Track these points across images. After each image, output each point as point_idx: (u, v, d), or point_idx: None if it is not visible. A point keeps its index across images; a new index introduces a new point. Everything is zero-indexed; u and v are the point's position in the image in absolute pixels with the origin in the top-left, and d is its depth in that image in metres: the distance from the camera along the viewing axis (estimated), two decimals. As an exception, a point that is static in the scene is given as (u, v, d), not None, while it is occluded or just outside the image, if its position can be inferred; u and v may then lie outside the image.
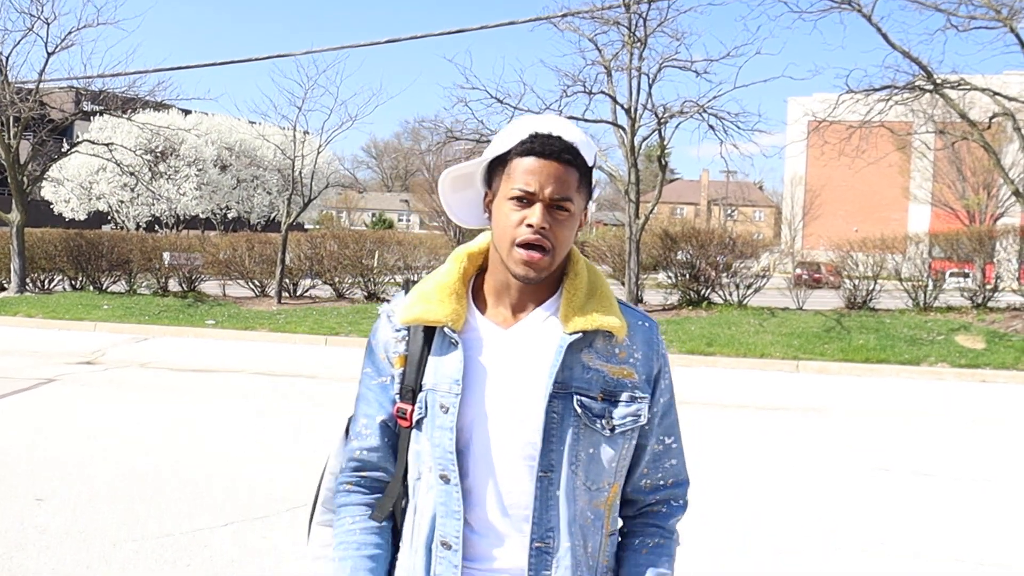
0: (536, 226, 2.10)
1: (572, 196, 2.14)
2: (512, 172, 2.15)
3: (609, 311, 2.21)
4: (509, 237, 2.14)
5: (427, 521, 2.19)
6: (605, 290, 2.27)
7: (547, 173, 2.11)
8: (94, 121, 47.34)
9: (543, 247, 2.13)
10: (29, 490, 7.79)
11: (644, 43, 21.21)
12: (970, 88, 19.76)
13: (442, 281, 2.27)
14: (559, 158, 2.12)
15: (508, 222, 2.14)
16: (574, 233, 2.20)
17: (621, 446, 2.22)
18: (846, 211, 77.95)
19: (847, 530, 7.31)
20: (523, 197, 2.12)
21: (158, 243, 26.91)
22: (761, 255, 26.78)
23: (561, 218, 2.14)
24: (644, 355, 2.26)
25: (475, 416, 2.17)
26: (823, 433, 11.44)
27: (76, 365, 15.65)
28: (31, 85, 25.81)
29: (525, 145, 2.14)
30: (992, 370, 16.33)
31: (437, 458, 2.17)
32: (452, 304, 2.22)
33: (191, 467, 8.79)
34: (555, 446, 2.14)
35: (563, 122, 2.20)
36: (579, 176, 2.16)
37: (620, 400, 2.20)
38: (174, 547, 6.47)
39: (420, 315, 2.23)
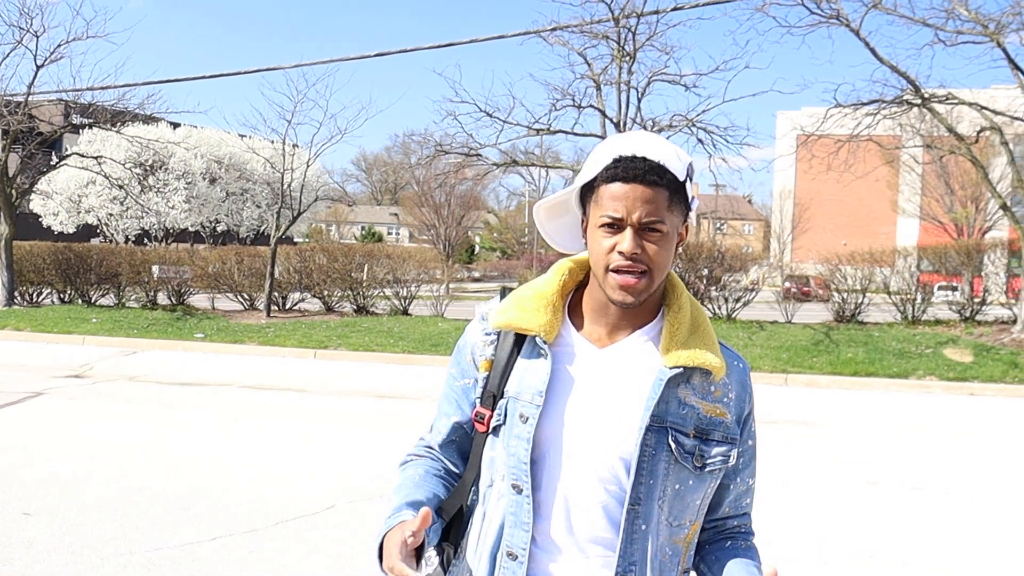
0: (627, 253, 2.06)
1: (663, 216, 2.08)
2: (600, 199, 2.11)
3: (711, 349, 2.18)
4: (603, 264, 2.10)
5: (495, 529, 2.18)
6: (707, 327, 2.24)
7: (633, 197, 2.06)
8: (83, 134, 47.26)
9: (637, 271, 2.08)
10: (16, 505, 7.76)
11: (633, 57, 21.25)
12: (958, 102, 19.83)
13: (541, 290, 2.25)
14: (644, 180, 2.07)
15: (600, 249, 2.10)
16: (672, 253, 2.14)
17: (708, 484, 2.22)
18: (835, 225, 78.07)
19: (836, 543, 7.32)
20: (612, 223, 2.08)
21: (147, 256, 26.85)
22: (750, 268, 26.82)
23: (653, 239, 2.09)
24: (737, 395, 2.25)
25: (554, 431, 2.14)
26: (812, 446, 11.45)
27: (64, 379, 15.61)
28: (20, 98, 25.74)
29: (610, 171, 2.09)
30: (980, 383, 16.36)
31: (511, 467, 2.15)
32: (547, 314, 2.19)
33: (179, 481, 8.77)
34: (645, 479, 2.11)
35: (647, 140, 2.15)
36: (669, 195, 2.10)
37: (712, 439, 2.19)
38: (162, 561, 6.45)
39: (513, 320, 2.20)
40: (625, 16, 20.60)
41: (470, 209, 79.95)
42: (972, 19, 18.55)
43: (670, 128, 21.74)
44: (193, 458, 9.82)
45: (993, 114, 19.83)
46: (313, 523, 7.50)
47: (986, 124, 20.16)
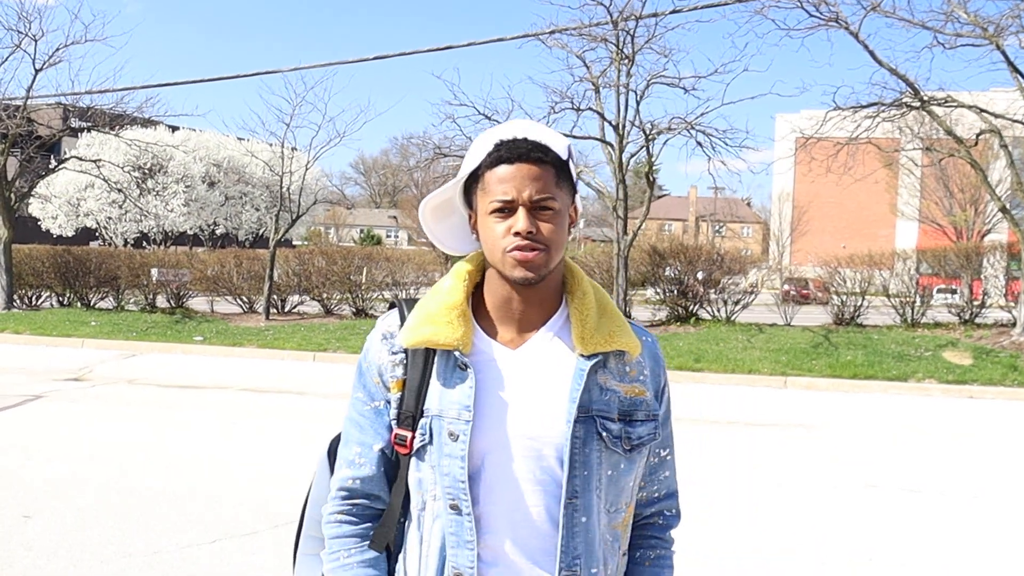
0: (523, 231, 2.02)
1: (553, 193, 2.07)
2: (487, 185, 2.08)
3: (623, 330, 2.16)
4: (499, 249, 2.06)
5: (436, 552, 2.10)
6: (613, 308, 2.21)
7: (521, 176, 2.04)
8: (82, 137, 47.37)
9: (535, 247, 2.04)
10: (16, 507, 7.76)
11: (632, 60, 21.26)
12: (957, 105, 19.84)
13: (448, 301, 2.17)
14: (529, 158, 2.05)
15: (494, 235, 2.07)
16: (566, 231, 2.12)
17: (638, 465, 2.19)
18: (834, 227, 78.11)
19: (835, 546, 7.32)
20: (503, 207, 2.05)
21: (146, 259, 26.88)
22: (749, 271, 26.82)
23: (546, 217, 2.06)
24: (652, 370, 2.23)
25: (489, 443, 2.08)
26: (811, 449, 11.45)
27: (64, 382, 15.61)
28: (19, 102, 25.76)
29: (492, 155, 2.07)
30: (980, 386, 16.36)
31: (446, 487, 2.08)
32: (461, 326, 2.12)
33: (178, 483, 8.77)
34: (579, 471, 2.07)
35: (527, 123, 2.15)
36: (556, 172, 2.08)
37: (636, 419, 2.16)
38: (161, 564, 6.45)
39: (429, 337, 2.12)
40: (624, 19, 20.59)
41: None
42: (971, 22, 18.56)
43: (669, 131, 21.77)
44: (193, 460, 9.82)
45: (992, 116, 19.84)
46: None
47: (985, 127, 20.17)
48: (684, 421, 12.62)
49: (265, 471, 9.37)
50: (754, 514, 8.28)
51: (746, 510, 8.42)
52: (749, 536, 7.56)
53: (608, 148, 22.09)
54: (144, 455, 10.00)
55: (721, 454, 10.94)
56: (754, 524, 7.94)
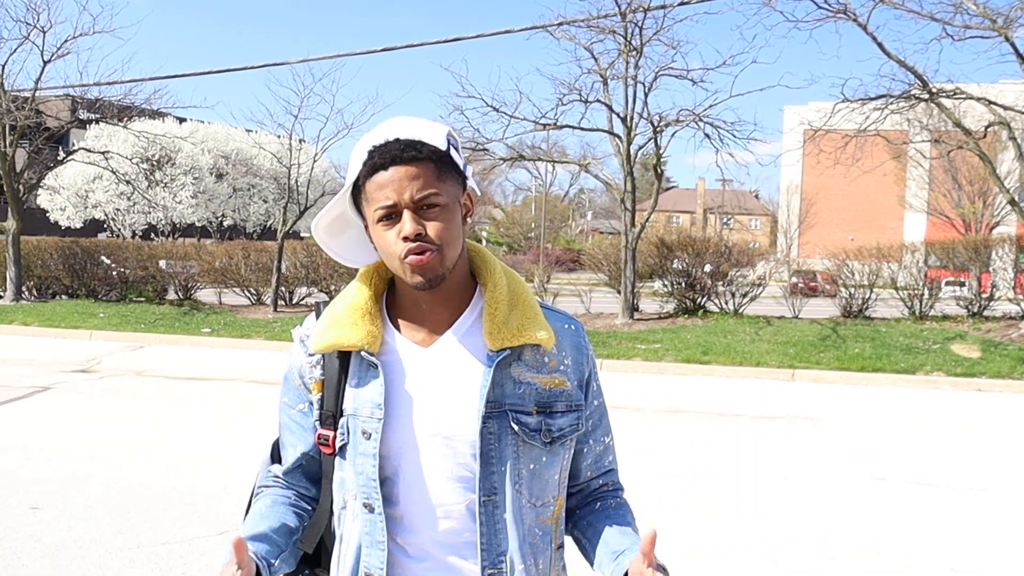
0: (411, 235, 1.98)
1: (436, 188, 2.02)
2: (369, 195, 2.03)
3: (534, 321, 2.11)
4: (394, 257, 2.02)
5: (352, 551, 2.11)
6: (527, 298, 2.17)
7: (398, 179, 1.99)
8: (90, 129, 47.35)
9: (426, 250, 1.99)
10: (24, 499, 7.78)
11: (640, 52, 21.22)
12: (965, 97, 19.78)
13: (353, 302, 2.16)
14: (403, 159, 2.00)
15: (386, 243, 2.02)
16: (459, 223, 2.08)
17: (561, 457, 2.15)
18: (842, 220, 78.04)
19: (842, 539, 7.32)
20: (388, 213, 2.01)
21: (154, 251, 26.89)
22: (757, 263, 26.80)
23: (433, 215, 2.01)
24: (574, 360, 2.19)
25: (402, 441, 2.07)
26: (819, 442, 11.44)
27: (72, 373, 15.64)
28: (27, 93, 25.79)
29: (367, 164, 2.02)
30: (988, 379, 16.32)
31: (360, 486, 2.09)
32: (366, 326, 2.11)
33: (187, 475, 8.79)
34: (495, 467, 2.06)
35: (399, 122, 2.10)
36: (436, 166, 2.04)
37: (556, 411, 2.12)
38: (169, 555, 6.47)
39: (334, 340, 2.11)
40: (632, 11, 20.58)
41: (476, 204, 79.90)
42: (980, 14, 18.49)
43: (677, 123, 21.75)
44: (200, 452, 9.84)
45: (1001, 109, 19.77)
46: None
47: (994, 119, 20.10)
48: (691, 414, 12.69)
49: (273, 463, 9.38)
50: (761, 506, 8.28)
51: (753, 502, 8.41)
52: (755, 528, 7.56)
53: (616, 140, 22.07)
54: (152, 447, 10.02)
55: (728, 446, 10.93)
56: (760, 516, 7.93)
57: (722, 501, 8.29)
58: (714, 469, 9.50)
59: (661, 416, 13.07)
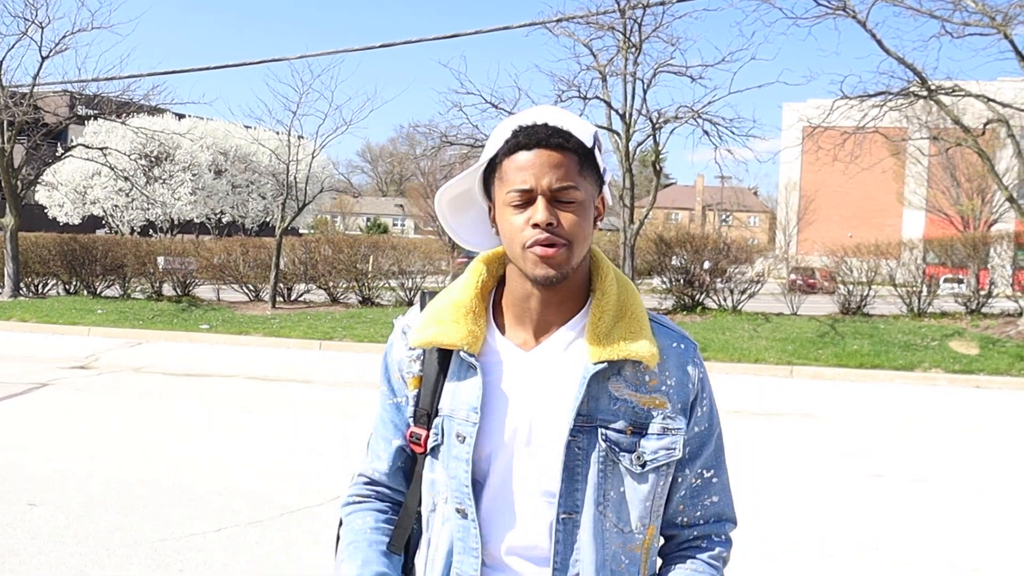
0: (542, 223, 1.88)
1: (576, 182, 1.91)
2: (504, 175, 1.93)
3: (639, 336, 1.98)
4: (518, 243, 1.92)
5: (443, 556, 2.03)
6: (636, 309, 2.03)
7: (540, 163, 1.89)
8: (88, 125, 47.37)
9: (555, 243, 1.89)
10: (22, 495, 7.77)
11: (639, 48, 21.24)
12: (964, 94, 19.78)
13: (457, 299, 2.06)
14: (548, 144, 1.90)
15: (513, 228, 1.92)
16: (591, 225, 1.97)
17: (655, 484, 2.01)
18: (841, 216, 78.02)
19: (841, 536, 7.31)
20: (522, 197, 1.90)
21: (152, 248, 26.92)
22: (755, 260, 26.80)
23: (569, 208, 1.91)
24: (678, 381, 2.04)
25: (493, 447, 1.99)
26: (817, 439, 11.44)
27: (70, 370, 15.63)
28: (25, 89, 25.80)
29: (510, 143, 1.92)
30: (986, 376, 16.33)
31: (453, 490, 2.00)
32: (468, 325, 2.02)
33: (184, 472, 8.78)
34: (579, 485, 1.95)
35: (548, 109, 2.00)
36: (579, 159, 1.93)
37: (651, 432, 1.99)
38: (168, 552, 6.46)
39: (433, 337, 2.02)
40: (631, 7, 20.59)
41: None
42: (979, 11, 18.50)
43: (676, 119, 21.76)
44: (198, 449, 9.83)
45: (1000, 106, 19.79)
46: (318, 514, 7.50)
47: (993, 116, 20.11)
48: (690, 410, 12.65)
49: (271, 461, 9.37)
50: (759, 504, 8.27)
51: (751, 500, 8.40)
52: (753, 526, 7.54)
53: (615, 137, 22.08)
54: (150, 444, 10.01)
55: (726, 443, 10.91)
56: (759, 514, 7.92)
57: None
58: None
59: (659, 413, 13.05)
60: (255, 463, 9.27)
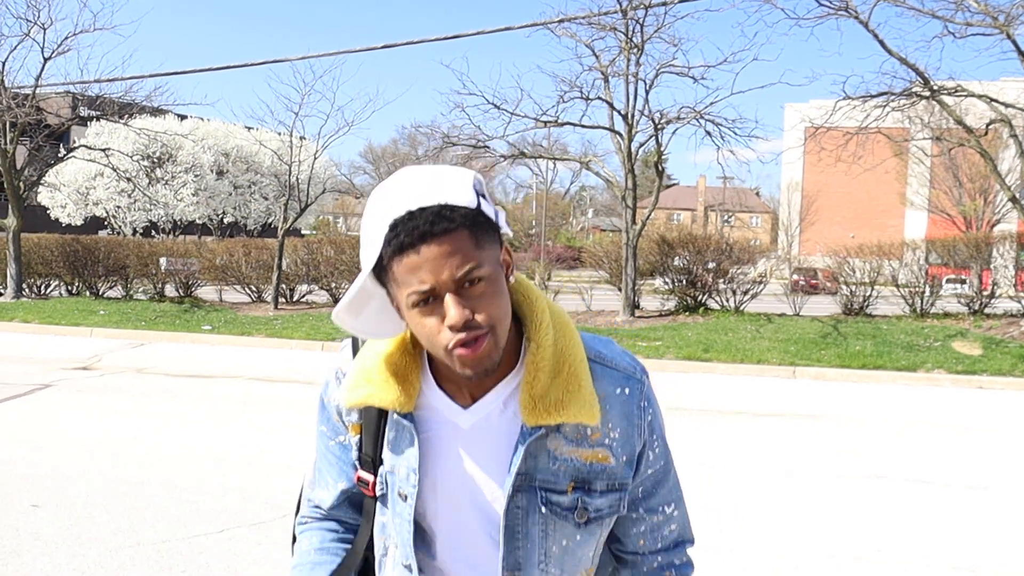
0: (458, 325, 1.73)
1: (476, 259, 1.74)
2: (397, 278, 1.75)
3: (577, 395, 1.85)
4: (439, 347, 1.77)
5: None
6: (573, 360, 1.89)
7: (432, 259, 1.71)
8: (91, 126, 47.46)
9: (478, 337, 1.75)
10: (24, 496, 7.78)
11: (641, 49, 21.23)
12: (967, 94, 19.77)
13: (387, 354, 1.94)
14: (433, 234, 1.71)
15: (427, 332, 1.77)
16: (505, 291, 1.82)
17: (598, 536, 1.98)
18: (843, 217, 78.07)
19: (842, 537, 7.30)
20: (425, 298, 1.74)
21: (155, 249, 26.92)
22: (758, 261, 26.81)
23: (479, 292, 1.75)
24: (623, 432, 1.93)
25: (438, 504, 1.95)
26: (820, 439, 11.43)
27: (72, 371, 15.64)
28: (27, 90, 25.82)
29: (392, 243, 1.72)
30: (989, 376, 16.32)
31: (400, 545, 1.98)
32: (399, 384, 1.91)
33: (187, 473, 8.78)
34: (520, 543, 1.91)
35: (414, 181, 1.78)
36: (470, 232, 1.74)
37: (595, 489, 1.92)
38: (170, 553, 6.46)
39: (366, 399, 1.92)
40: (633, 8, 20.59)
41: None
42: (981, 11, 18.49)
43: (678, 120, 21.76)
44: (200, 451, 9.83)
45: (1002, 106, 19.78)
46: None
47: (995, 116, 20.10)
48: (692, 412, 12.67)
49: (273, 462, 9.37)
50: (761, 504, 8.27)
51: (753, 500, 8.40)
52: (756, 526, 7.55)
53: (617, 137, 22.08)
54: (152, 445, 10.01)
55: (728, 444, 10.92)
56: (761, 514, 7.92)
57: (722, 498, 8.28)
58: (714, 466, 9.49)
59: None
60: (257, 464, 9.27)
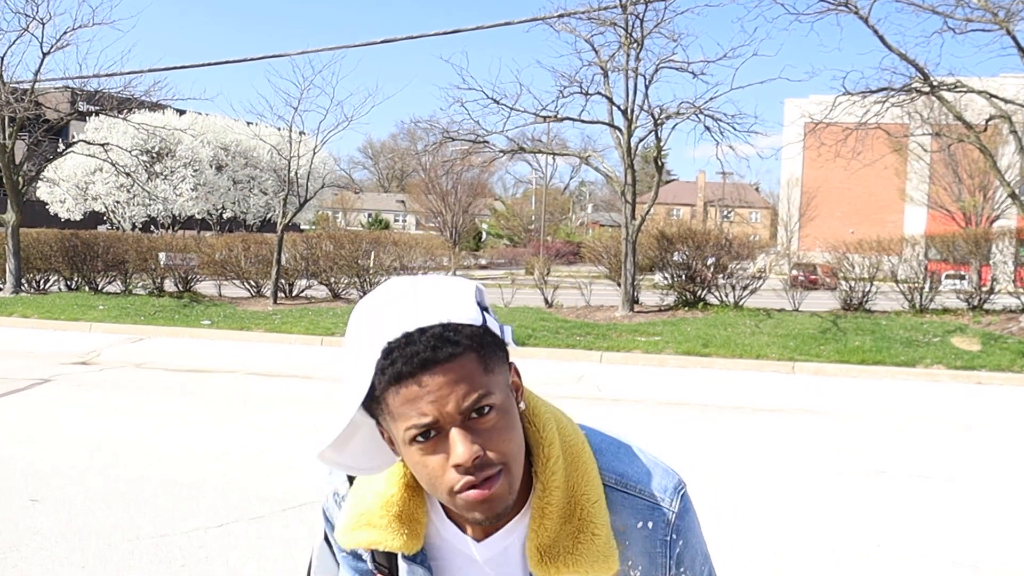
0: (467, 463, 1.50)
1: (486, 387, 1.52)
2: (392, 410, 1.52)
3: (589, 547, 1.66)
4: (443, 490, 1.56)
5: None
6: (587, 505, 1.69)
7: (436, 388, 1.49)
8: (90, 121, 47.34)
9: (489, 477, 1.54)
10: (23, 491, 7.77)
11: (641, 44, 21.23)
12: (967, 90, 19.76)
13: (386, 495, 1.73)
14: (436, 360, 1.49)
15: (429, 472, 1.55)
16: (517, 420, 1.61)
17: None
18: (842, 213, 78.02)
19: (842, 533, 7.30)
20: (426, 432, 1.51)
21: (154, 243, 26.93)
22: (757, 256, 26.81)
23: (489, 423, 1.53)
24: (645, 571, 1.76)
25: None
26: (819, 434, 11.43)
27: (71, 366, 15.63)
28: (26, 85, 25.82)
29: (387, 371, 1.50)
30: (988, 372, 16.32)
31: None
32: (404, 526, 1.72)
33: (186, 468, 8.78)
34: None
35: (413, 295, 1.56)
36: (478, 354, 1.52)
37: None
38: (169, 548, 6.46)
39: (368, 543, 1.74)
40: (632, 3, 20.57)
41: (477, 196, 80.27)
42: (981, 7, 18.47)
43: (678, 115, 21.75)
44: (200, 445, 9.83)
45: (1002, 102, 19.76)
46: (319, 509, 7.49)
47: (995, 112, 20.09)
48: (691, 406, 12.67)
49: (272, 457, 9.37)
50: (760, 499, 8.27)
51: (752, 495, 8.40)
52: (755, 521, 7.55)
53: (617, 133, 22.08)
54: (151, 440, 10.01)
55: (728, 439, 10.92)
56: (760, 509, 7.92)
57: (721, 494, 8.28)
58: (714, 462, 9.49)
59: (661, 408, 13.06)
60: (256, 459, 9.27)
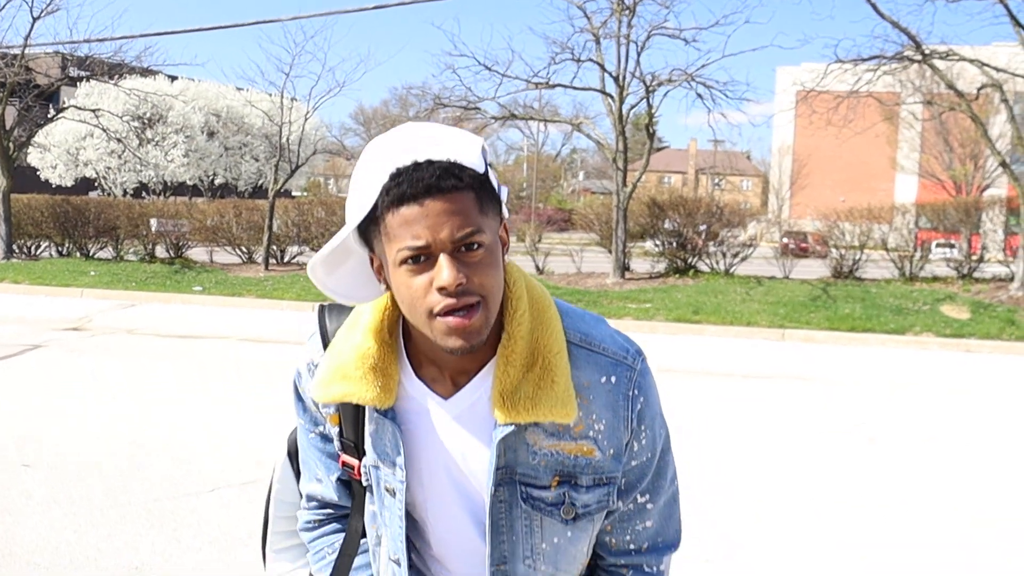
0: (450, 286, 1.58)
1: (479, 224, 1.61)
2: (390, 231, 1.60)
3: (548, 392, 1.70)
4: (422, 311, 1.62)
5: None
6: (549, 350, 1.73)
7: (434, 214, 1.57)
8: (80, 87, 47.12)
9: (468, 305, 1.61)
10: (15, 456, 7.80)
11: (632, 11, 21.17)
12: (959, 59, 19.76)
13: (362, 348, 1.79)
14: (440, 189, 1.58)
15: (412, 293, 1.62)
16: (501, 265, 1.68)
17: (589, 531, 1.86)
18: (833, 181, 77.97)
19: (830, 497, 7.36)
20: (417, 255, 1.59)
21: (145, 210, 26.86)
22: (748, 224, 26.84)
23: (476, 258, 1.61)
24: (609, 424, 1.77)
25: (426, 495, 1.85)
26: (808, 401, 11.49)
27: (63, 331, 15.63)
28: (16, 50, 25.64)
29: (392, 192, 1.58)
30: (977, 340, 16.40)
31: (389, 539, 1.88)
32: (377, 380, 1.76)
33: (178, 434, 8.81)
34: (505, 537, 1.80)
35: (424, 134, 1.65)
36: (476, 195, 1.62)
37: (581, 484, 1.78)
38: (161, 512, 6.50)
39: (341, 396, 1.77)
40: (625, -31, 20.50)
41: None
42: (974, -26, 18.45)
43: (669, 83, 21.72)
44: (192, 410, 9.86)
45: (994, 71, 19.77)
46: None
47: (987, 81, 20.10)
48: (682, 373, 12.73)
49: (264, 422, 9.39)
50: (749, 465, 8.32)
51: (741, 461, 8.46)
52: (743, 486, 7.60)
53: (608, 99, 22.06)
54: (143, 406, 10.03)
55: (718, 405, 10.98)
56: (748, 475, 7.98)
57: (710, 459, 8.34)
58: (703, 428, 9.54)
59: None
60: (248, 424, 9.30)
